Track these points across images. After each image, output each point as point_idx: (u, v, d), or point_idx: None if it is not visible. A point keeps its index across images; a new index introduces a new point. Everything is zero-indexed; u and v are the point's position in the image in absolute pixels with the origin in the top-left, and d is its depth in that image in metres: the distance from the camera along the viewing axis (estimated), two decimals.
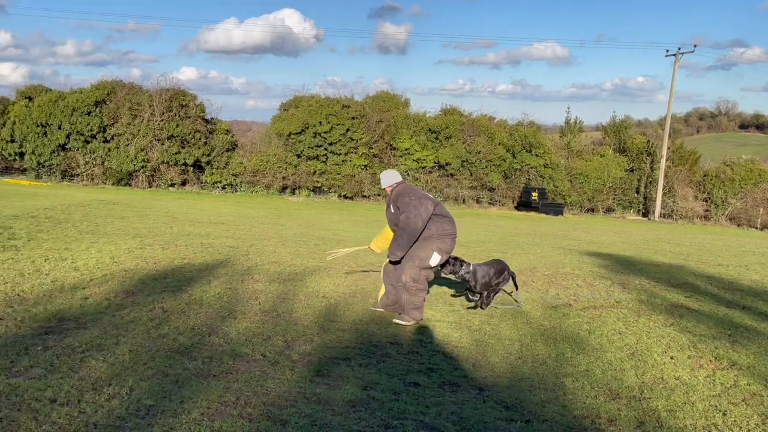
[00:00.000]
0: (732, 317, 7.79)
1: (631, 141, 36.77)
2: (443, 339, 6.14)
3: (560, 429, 4.23)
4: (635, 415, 4.57)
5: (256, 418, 3.94)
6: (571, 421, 4.39)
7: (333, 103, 30.45)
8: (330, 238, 13.33)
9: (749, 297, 9.12)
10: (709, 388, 5.19)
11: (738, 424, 4.46)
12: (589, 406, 4.68)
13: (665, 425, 4.41)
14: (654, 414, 4.60)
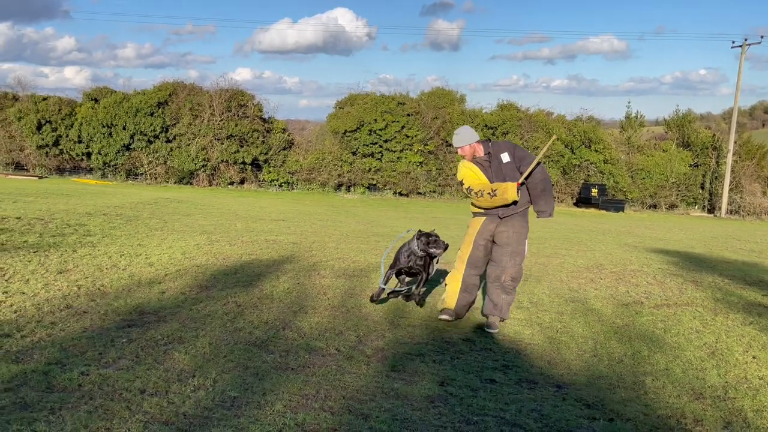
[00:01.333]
0: None
1: (695, 135, 35.68)
2: (515, 336, 6.06)
3: (645, 429, 4.13)
4: (721, 415, 4.43)
5: (338, 411, 3.96)
6: (655, 420, 4.28)
7: (388, 101, 30.49)
8: (389, 234, 13.35)
9: None
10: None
11: None
12: (672, 406, 4.55)
13: (753, 425, 4.26)
14: (740, 414, 4.45)
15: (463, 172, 6.33)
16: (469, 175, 6.27)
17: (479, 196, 6.16)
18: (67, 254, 8.20)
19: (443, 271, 8.23)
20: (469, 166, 6.29)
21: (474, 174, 6.25)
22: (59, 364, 4.41)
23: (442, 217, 20.33)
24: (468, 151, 6.28)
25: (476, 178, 6.22)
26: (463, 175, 6.33)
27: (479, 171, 6.24)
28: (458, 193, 31.03)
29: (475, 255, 6.30)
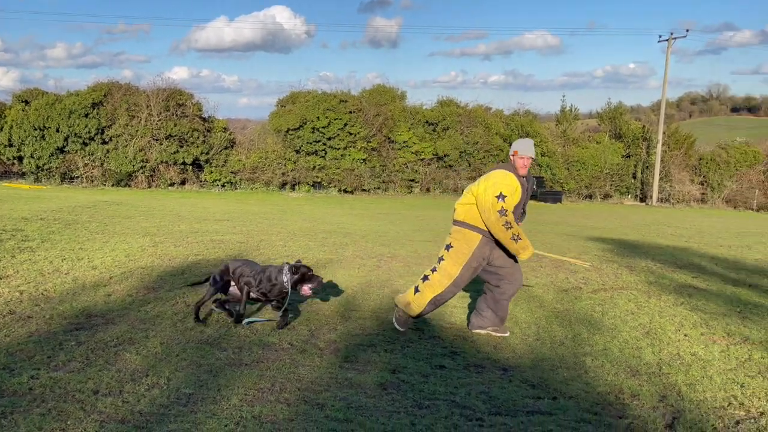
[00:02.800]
0: (740, 295, 7.94)
1: (626, 127, 36.88)
2: (462, 324, 6.27)
3: (586, 405, 4.37)
4: (656, 390, 4.71)
5: (294, 402, 4.06)
6: (595, 397, 4.53)
7: (330, 98, 30.50)
8: (337, 231, 13.45)
9: (755, 275, 9.27)
10: (724, 363, 5.34)
11: (756, 395, 4.61)
12: (611, 383, 4.81)
13: (686, 398, 4.55)
14: (674, 388, 4.74)
15: (510, 187, 5.58)
16: (513, 195, 5.61)
17: (505, 226, 5.50)
18: (6, 260, 8.02)
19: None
20: (516, 185, 5.62)
21: (517, 194, 5.64)
22: (7, 369, 4.37)
23: (387, 213, 20.53)
24: (528, 164, 5.74)
25: (518, 198, 5.66)
26: (509, 191, 5.57)
27: (521, 193, 5.69)
28: (402, 188, 31.32)
29: (464, 277, 5.77)
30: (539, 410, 4.23)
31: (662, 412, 4.29)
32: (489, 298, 5.98)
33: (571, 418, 4.11)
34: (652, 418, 4.19)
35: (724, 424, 4.11)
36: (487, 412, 4.14)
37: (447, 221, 18.09)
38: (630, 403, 4.44)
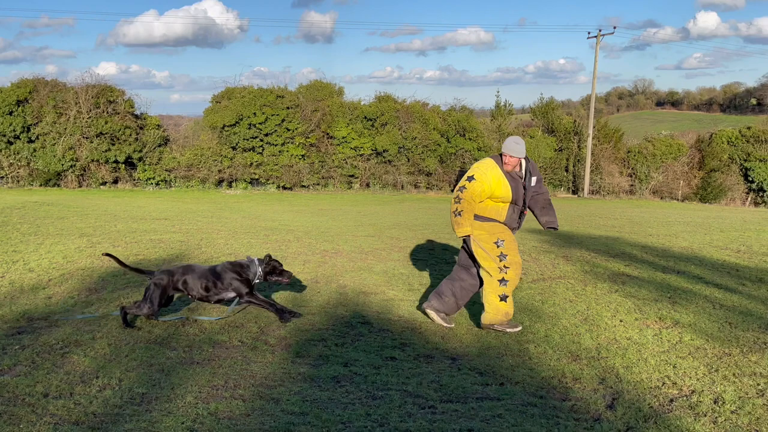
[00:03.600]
0: (669, 281, 8.34)
1: (558, 122, 37.88)
2: (410, 317, 6.40)
3: (532, 389, 4.56)
4: (596, 373, 4.95)
5: (249, 398, 4.10)
6: (540, 381, 4.73)
7: (266, 94, 30.26)
8: (279, 228, 13.41)
9: (682, 262, 9.72)
10: (658, 345, 5.63)
11: (688, 375, 4.89)
12: (554, 368, 5.03)
13: (624, 380, 4.80)
14: (613, 371, 4.99)
15: (486, 176, 5.86)
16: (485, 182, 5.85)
17: (455, 200, 5.90)
18: None
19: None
20: (498, 176, 5.88)
21: (497, 184, 5.86)
22: None
23: (328, 209, 20.55)
24: (515, 163, 5.95)
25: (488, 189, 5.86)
26: (483, 177, 5.85)
27: (507, 184, 5.90)
28: (342, 184, 31.35)
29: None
30: (488, 396, 4.39)
31: (602, 394, 4.51)
32: (457, 286, 6.16)
33: (519, 402, 4.29)
34: (594, 399, 4.41)
35: (660, 403, 4.36)
36: (438, 399, 4.28)
37: (389, 216, 18.20)
38: (572, 386, 4.66)
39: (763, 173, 36.73)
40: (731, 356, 5.31)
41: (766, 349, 5.50)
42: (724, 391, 4.54)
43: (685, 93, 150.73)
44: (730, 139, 39.28)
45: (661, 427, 3.95)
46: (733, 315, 6.61)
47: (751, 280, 8.36)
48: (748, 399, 4.39)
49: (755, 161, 37.06)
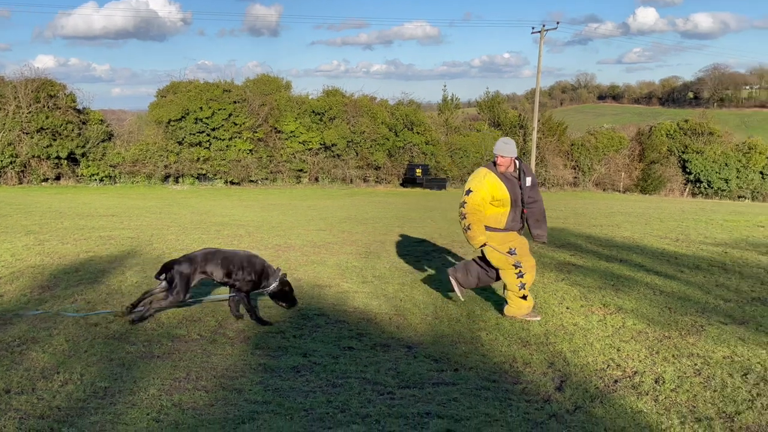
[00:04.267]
0: (612, 269, 8.69)
1: (504, 115, 38.58)
2: (365, 308, 6.54)
3: (485, 374, 4.76)
4: (545, 357, 5.19)
5: (212, 389, 4.18)
6: (492, 366, 4.94)
7: (213, 88, 29.91)
8: (229, 223, 13.38)
9: (624, 251, 10.11)
10: (602, 330, 5.92)
11: (631, 357, 5.17)
12: (505, 353, 5.25)
13: (571, 363, 5.04)
14: (561, 355, 5.23)
15: (481, 184, 6.09)
16: (482, 191, 6.07)
17: (461, 217, 6.17)
18: None
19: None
20: (493, 181, 6.09)
21: (493, 188, 6.08)
22: None
23: (278, 204, 20.51)
24: (508, 163, 6.14)
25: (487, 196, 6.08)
26: (478, 187, 6.08)
27: (503, 186, 6.10)
28: (290, 179, 31.26)
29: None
30: (443, 381, 4.57)
31: (551, 377, 4.74)
32: (483, 273, 6.55)
33: (473, 387, 4.48)
34: (543, 382, 4.64)
35: (605, 384, 4.61)
36: (396, 386, 4.44)
37: (339, 210, 18.29)
38: (523, 370, 4.88)
39: (700, 165, 38.17)
40: (671, 339, 5.62)
41: (702, 331, 5.83)
42: (664, 371, 4.82)
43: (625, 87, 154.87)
44: (669, 131, 40.68)
45: (607, 406, 4.18)
46: (672, 300, 6.96)
47: (688, 267, 8.77)
48: (687, 378, 4.67)
49: (692, 153, 38.48)
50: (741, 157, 38.39)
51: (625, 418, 3.99)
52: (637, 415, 4.03)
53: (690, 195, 38.41)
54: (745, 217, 16.99)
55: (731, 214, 18.15)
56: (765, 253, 9.86)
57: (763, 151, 38.69)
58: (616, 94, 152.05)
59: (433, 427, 3.76)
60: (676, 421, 3.94)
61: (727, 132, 43.21)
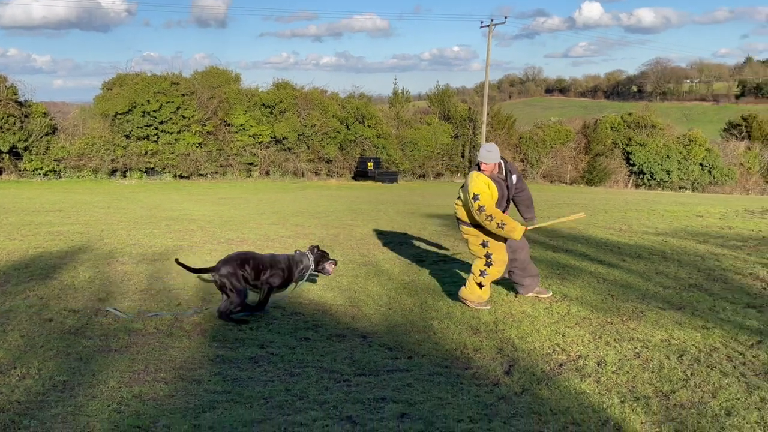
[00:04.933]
0: (558, 259, 9.00)
1: (454, 109, 39.01)
2: (320, 300, 6.67)
3: (437, 360, 4.95)
4: (495, 344, 5.40)
5: (171, 380, 4.25)
6: (445, 353, 5.13)
7: (161, 81, 29.45)
8: (180, 218, 13.30)
9: (570, 242, 10.47)
10: (548, 317, 6.17)
11: (575, 342, 5.43)
12: (457, 341, 5.45)
13: (519, 349, 5.27)
14: (509, 341, 5.46)
15: (480, 186, 6.26)
16: (486, 192, 6.25)
17: (488, 220, 6.19)
18: None
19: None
20: (486, 182, 6.28)
21: (489, 191, 6.29)
22: None
23: (228, 197, 20.39)
24: (492, 168, 6.36)
25: (491, 195, 6.28)
26: (480, 189, 6.24)
27: (495, 188, 6.31)
28: (241, 172, 31.04)
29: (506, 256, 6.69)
30: (398, 368, 4.74)
31: (500, 362, 4.96)
32: (518, 269, 6.74)
33: (426, 373, 4.66)
34: (493, 367, 4.85)
35: (551, 367, 4.84)
36: (352, 373, 4.58)
37: (291, 204, 18.31)
38: (474, 356, 5.08)
39: (643, 157, 39.32)
40: (613, 324, 5.91)
41: (642, 316, 6.14)
42: (606, 354, 5.08)
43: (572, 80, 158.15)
44: (613, 124, 41.77)
45: (552, 388, 4.41)
46: (614, 288, 7.28)
47: (630, 256, 9.15)
48: (627, 360, 4.95)
49: (636, 146, 39.60)
50: (682, 149, 39.67)
51: (569, 398, 4.23)
52: (580, 396, 4.27)
53: (634, 186, 39.56)
54: (685, 207, 17.69)
55: (672, 205, 18.85)
56: (702, 242, 10.34)
57: (703, 143, 40.08)
58: (563, 88, 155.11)
59: (388, 411, 3.92)
60: (616, 400, 4.19)
61: (668, 125, 44.64)
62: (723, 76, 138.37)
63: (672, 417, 3.93)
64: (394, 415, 3.87)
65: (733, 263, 8.59)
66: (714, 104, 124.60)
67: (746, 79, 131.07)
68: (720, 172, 39.68)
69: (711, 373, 4.63)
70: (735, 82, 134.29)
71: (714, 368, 4.73)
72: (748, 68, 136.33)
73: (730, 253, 9.36)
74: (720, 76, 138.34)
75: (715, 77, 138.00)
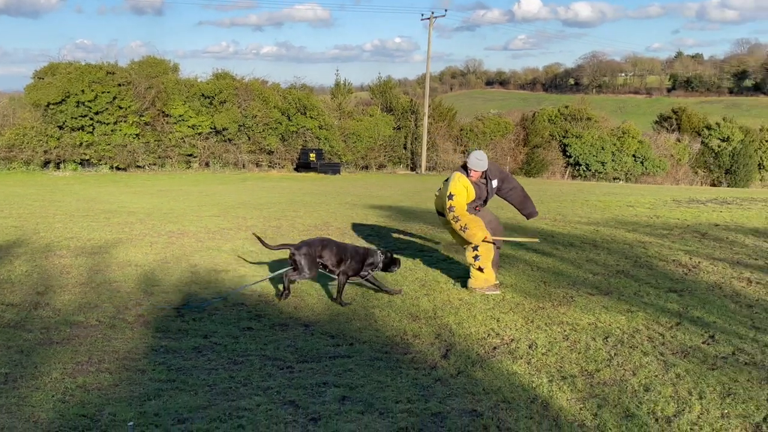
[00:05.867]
0: None
1: (396, 100, 39.25)
2: (262, 291, 6.76)
3: (378, 346, 5.13)
4: (433, 329, 5.62)
5: (115, 371, 4.31)
6: (385, 340, 5.32)
7: (96, 70, 28.69)
8: (118, 210, 13.10)
9: (507, 231, 10.80)
10: (484, 304, 6.44)
11: (509, 326, 5.70)
12: (397, 328, 5.64)
13: (456, 334, 5.50)
14: (447, 327, 5.69)
15: (459, 187, 6.84)
16: (462, 194, 6.83)
17: (454, 220, 6.80)
18: None
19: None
20: (466, 185, 6.88)
21: (467, 194, 6.87)
22: None
23: (168, 190, 20.11)
24: (479, 175, 6.98)
25: (466, 198, 6.88)
26: (457, 191, 6.82)
27: (473, 191, 6.91)
28: (180, 164, 30.58)
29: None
30: (340, 355, 4.90)
31: (438, 347, 5.18)
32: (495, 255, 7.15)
33: (367, 358, 4.84)
34: (431, 351, 5.06)
35: (485, 350, 5.09)
36: (295, 360, 4.72)
37: (232, 195, 18.19)
38: (413, 342, 5.29)
39: (579, 148, 40.44)
40: (544, 309, 6.21)
41: (572, 302, 6.47)
42: (537, 338, 5.36)
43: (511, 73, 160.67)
44: (551, 117, 42.81)
45: (486, 370, 4.65)
46: (547, 275, 7.61)
47: (563, 244, 9.54)
48: (556, 343, 5.23)
49: (572, 137, 40.69)
50: (616, 141, 40.94)
51: (501, 379, 4.47)
52: (511, 376, 4.52)
53: (570, 177, 40.65)
54: (617, 197, 18.38)
55: (605, 195, 19.56)
56: (631, 231, 10.83)
57: (636, 136, 41.47)
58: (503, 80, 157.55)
59: (330, 395, 4.08)
60: (545, 379, 4.45)
61: (603, 117, 45.99)
62: (655, 69, 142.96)
63: (595, 393, 4.21)
64: (335, 398, 4.04)
65: (659, 250, 9.06)
66: (647, 97, 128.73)
67: (677, 73, 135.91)
68: (652, 163, 41.13)
69: (633, 353, 4.95)
70: (667, 76, 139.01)
71: (636, 348, 5.06)
72: (679, 62, 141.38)
73: (656, 241, 9.86)
74: (653, 70, 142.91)
75: (648, 71, 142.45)
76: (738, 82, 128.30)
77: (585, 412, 3.95)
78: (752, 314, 6.04)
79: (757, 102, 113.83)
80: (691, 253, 8.85)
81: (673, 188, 30.38)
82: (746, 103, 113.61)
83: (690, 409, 3.98)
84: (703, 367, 4.66)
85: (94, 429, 3.46)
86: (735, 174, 42.11)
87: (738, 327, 5.63)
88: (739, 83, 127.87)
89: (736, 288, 7.01)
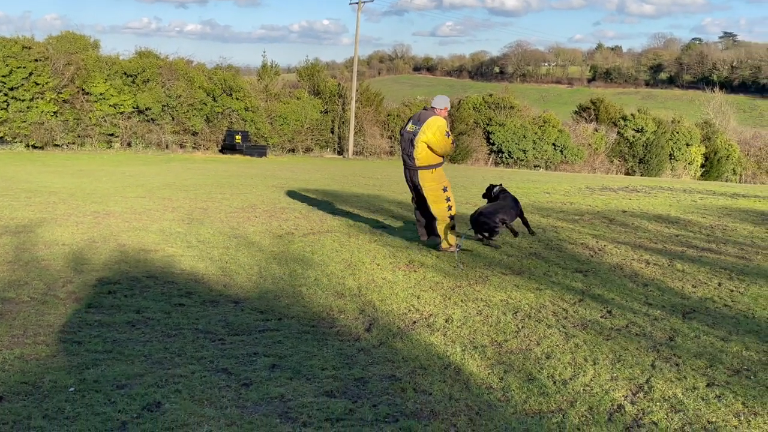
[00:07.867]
0: (416, 231, 9.75)
1: (324, 84, 39.30)
2: (192, 270, 6.96)
3: (305, 321, 5.46)
4: (357, 306, 5.99)
5: (52, 343, 4.48)
6: (312, 315, 5.65)
7: (11, 44, 27.58)
8: (39, 190, 12.88)
9: None
10: (406, 282, 6.84)
11: (428, 303, 6.12)
12: (323, 304, 5.98)
13: (379, 310, 5.89)
14: (371, 304, 6.06)
15: (444, 125, 8.14)
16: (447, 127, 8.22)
17: (453, 144, 8.32)
18: None
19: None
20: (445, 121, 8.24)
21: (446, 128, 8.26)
22: None
23: (89, 169, 19.71)
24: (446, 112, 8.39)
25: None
26: (447, 127, 8.19)
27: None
28: (101, 143, 29.81)
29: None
30: (269, 329, 5.21)
31: (362, 321, 5.55)
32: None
33: (295, 331, 5.16)
34: (355, 325, 5.43)
35: (405, 324, 5.49)
36: (226, 333, 5.00)
37: (157, 176, 18.00)
38: (338, 317, 5.64)
39: (502, 136, 41.61)
40: (461, 287, 6.67)
41: (487, 281, 6.95)
42: (453, 313, 5.81)
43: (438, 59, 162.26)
44: (476, 105, 43.82)
45: (405, 341, 5.05)
46: (465, 256, 8.09)
47: None
48: (470, 317, 5.69)
49: (495, 125, 41.83)
50: (537, 130, 42.33)
51: (419, 349, 4.88)
52: (428, 347, 4.93)
53: (493, 164, 41.80)
54: (535, 185, 19.23)
55: (524, 182, 20.39)
56: (545, 216, 11.50)
57: (556, 125, 42.97)
58: (431, 66, 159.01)
59: (260, 363, 4.39)
60: (458, 349, 4.89)
61: (525, 106, 47.38)
62: (577, 60, 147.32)
63: (503, 361, 4.68)
64: (265, 366, 4.35)
65: (569, 234, 9.71)
66: (568, 87, 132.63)
67: (597, 64, 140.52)
68: (570, 151, 42.76)
69: (538, 326, 5.46)
70: (587, 67, 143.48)
71: (541, 322, 5.57)
72: (599, 54, 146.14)
73: (568, 225, 10.54)
74: (574, 61, 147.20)
75: (569, 61, 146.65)
76: (654, 74, 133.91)
77: (492, 376, 4.41)
78: (647, 292, 6.67)
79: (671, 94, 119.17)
80: (598, 237, 9.53)
81: (589, 176, 31.78)
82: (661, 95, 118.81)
83: (584, 373, 4.49)
84: (599, 338, 5.20)
85: (36, 394, 3.66)
86: (648, 163, 44.26)
87: (633, 303, 6.24)
88: (654, 76, 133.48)
89: (635, 269, 7.67)
